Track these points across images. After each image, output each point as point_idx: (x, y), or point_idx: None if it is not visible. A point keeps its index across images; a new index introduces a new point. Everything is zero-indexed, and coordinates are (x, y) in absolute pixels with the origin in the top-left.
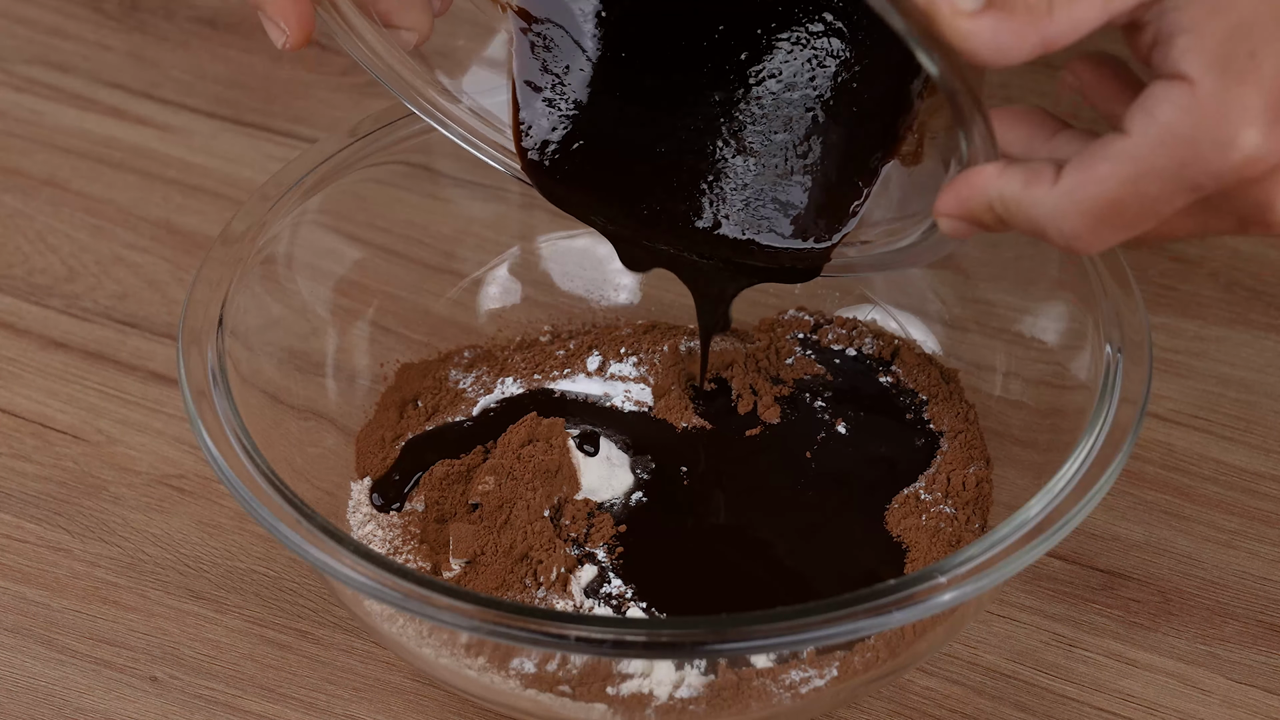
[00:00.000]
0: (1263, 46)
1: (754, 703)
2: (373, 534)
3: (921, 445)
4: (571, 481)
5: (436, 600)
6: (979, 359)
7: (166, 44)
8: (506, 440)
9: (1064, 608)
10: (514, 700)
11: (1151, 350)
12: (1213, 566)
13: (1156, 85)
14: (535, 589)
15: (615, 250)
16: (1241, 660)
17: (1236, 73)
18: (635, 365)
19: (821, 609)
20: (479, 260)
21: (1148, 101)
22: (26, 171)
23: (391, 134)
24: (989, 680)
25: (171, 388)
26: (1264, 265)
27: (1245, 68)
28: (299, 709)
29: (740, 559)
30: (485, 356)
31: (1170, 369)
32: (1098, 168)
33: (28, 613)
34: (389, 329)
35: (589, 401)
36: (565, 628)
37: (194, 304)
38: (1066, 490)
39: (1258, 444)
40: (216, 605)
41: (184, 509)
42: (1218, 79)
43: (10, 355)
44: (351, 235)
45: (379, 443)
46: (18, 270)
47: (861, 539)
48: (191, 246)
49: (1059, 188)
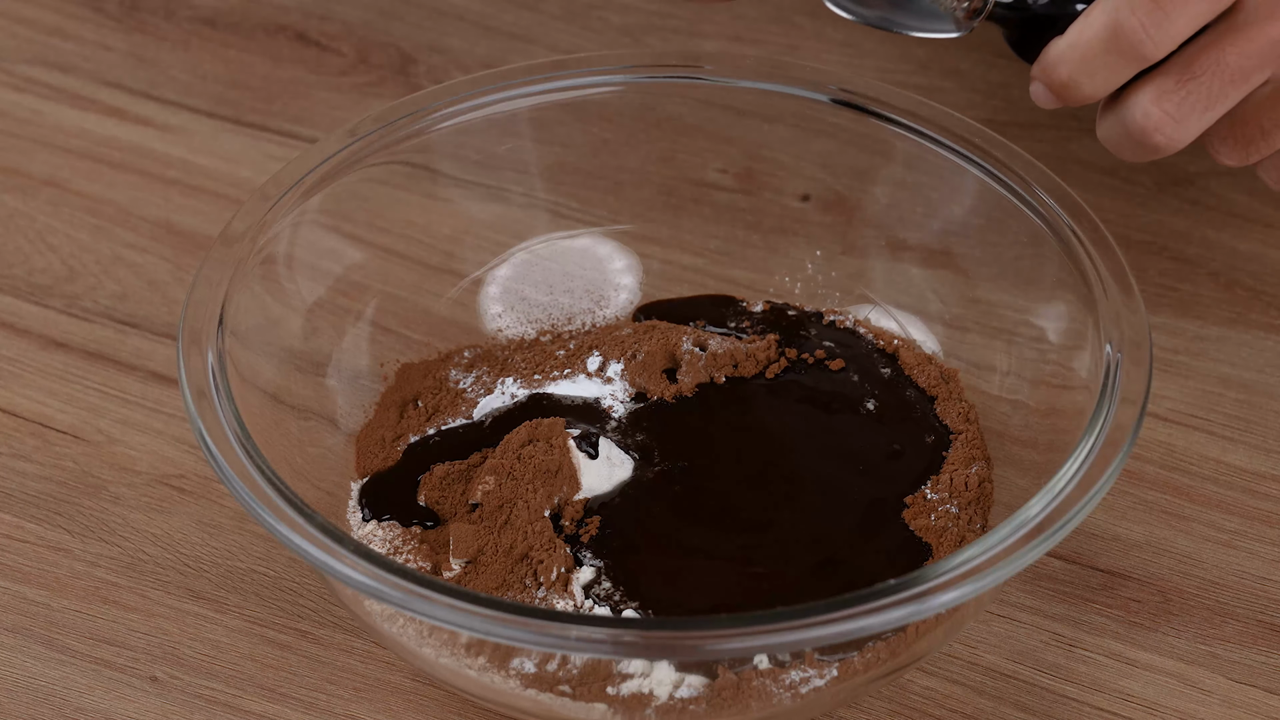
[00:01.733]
0: None
1: (754, 703)
2: (373, 534)
3: (932, 442)
4: (571, 481)
5: (436, 600)
6: (979, 359)
7: (166, 44)
8: (507, 440)
9: (1064, 608)
10: (514, 700)
11: (1151, 350)
12: (1213, 566)
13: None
14: (535, 589)
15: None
16: (1241, 660)
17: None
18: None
19: (821, 609)
20: (479, 260)
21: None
22: (26, 171)
23: (391, 134)
24: (989, 680)
25: (171, 388)
26: (1264, 265)
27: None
28: (299, 709)
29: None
30: (485, 356)
31: (1170, 369)
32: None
33: (28, 613)
34: (389, 329)
35: (589, 402)
36: (565, 628)
37: (194, 304)
38: (1066, 490)
39: (1258, 444)
40: (216, 605)
41: (184, 509)
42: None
43: (10, 355)
44: (351, 235)
45: (379, 443)
46: (18, 270)
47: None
48: (191, 246)
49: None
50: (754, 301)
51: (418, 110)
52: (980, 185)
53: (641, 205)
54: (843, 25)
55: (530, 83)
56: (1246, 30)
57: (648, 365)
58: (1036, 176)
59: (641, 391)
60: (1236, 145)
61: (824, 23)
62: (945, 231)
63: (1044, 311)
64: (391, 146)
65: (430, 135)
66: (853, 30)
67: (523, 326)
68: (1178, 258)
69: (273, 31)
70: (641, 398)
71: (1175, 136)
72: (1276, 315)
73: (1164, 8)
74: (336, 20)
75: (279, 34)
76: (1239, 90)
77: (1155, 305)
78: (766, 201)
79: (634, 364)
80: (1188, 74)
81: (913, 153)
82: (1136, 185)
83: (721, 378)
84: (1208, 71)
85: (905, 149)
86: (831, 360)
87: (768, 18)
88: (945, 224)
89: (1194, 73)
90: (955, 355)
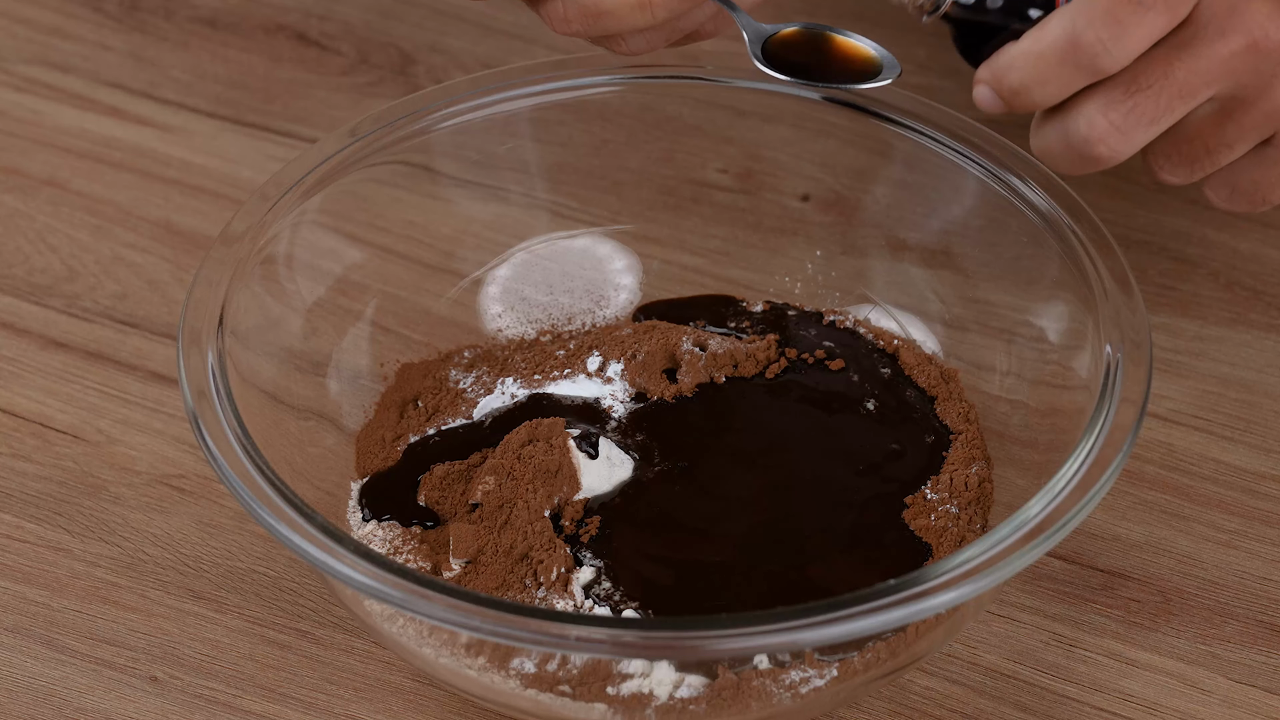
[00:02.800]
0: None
1: (754, 703)
2: (373, 534)
3: (932, 442)
4: (571, 481)
5: (436, 600)
6: (979, 359)
7: (166, 44)
8: (507, 440)
9: (1064, 608)
10: (514, 700)
11: (1151, 350)
12: (1213, 566)
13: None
14: (535, 589)
15: None
16: (1241, 660)
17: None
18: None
19: (821, 609)
20: (479, 260)
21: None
22: (26, 171)
23: (391, 134)
24: (989, 680)
25: (171, 388)
26: (1264, 265)
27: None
28: (299, 709)
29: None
30: (485, 356)
31: (1170, 369)
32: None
33: (28, 613)
34: (389, 329)
35: (589, 402)
36: (565, 628)
37: (194, 304)
38: (1066, 490)
39: (1258, 444)
40: (216, 605)
41: (184, 509)
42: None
43: (10, 355)
44: (351, 235)
45: (379, 443)
46: (18, 270)
47: (886, 539)
48: (191, 246)
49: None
50: (754, 301)
51: (418, 110)
52: (980, 185)
53: (641, 205)
54: (843, 25)
55: (530, 83)
56: (1195, 46)
57: (648, 365)
58: (1036, 177)
59: (641, 391)
60: (1181, 162)
61: (823, 23)
62: (945, 231)
63: (1044, 311)
64: (391, 146)
65: (430, 135)
66: (852, 30)
67: (523, 326)
68: (1178, 258)
69: (273, 31)
70: (641, 398)
71: (1118, 149)
72: (1276, 315)
73: (1122, 21)
74: (336, 20)
75: (279, 34)
76: (1185, 105)
77: (1155, 305)
78: (766, 201)
79: (634, 364)
80: (1135, 86)
81: (913, 153)
82: (1136, 185)
83: (721, 378)
84: (1155, 85)
85: (905, 149)
86: (831, 360)
87: (767, 19)
88: (945, 224)
89: (1141, 85)
90: (955, 355)
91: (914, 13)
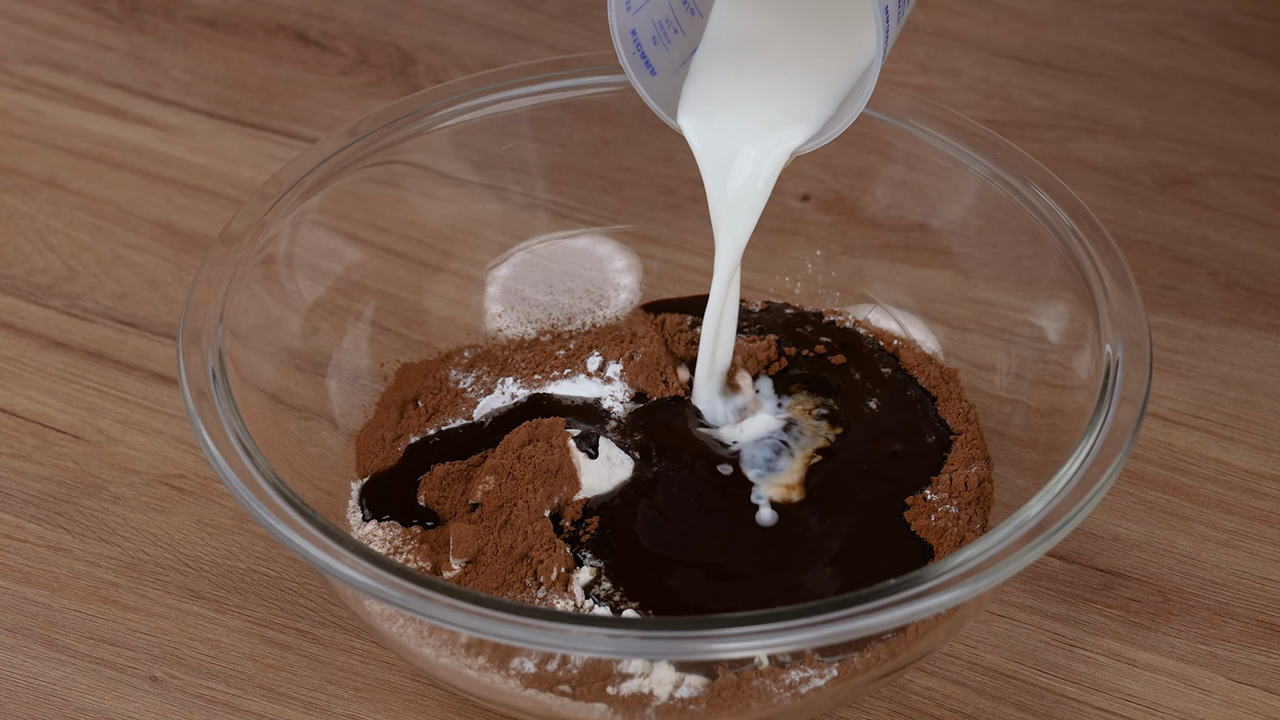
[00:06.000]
0: None
1: (754, 703)
2: (373, 534)
3: (932, 442)
4: (571, 481)
5: (436, 600)
6: (979, 359)
7: (166, 44)
8: (507, 440)
9: (1064, 608)
10: (514, 700)
11: (1151, 350)
12: (1213, 566)
13: None
14: (535, 589)
15: None
16: (1241, 660)
17: None
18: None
19: (822, 609)
20: (479, 260)
21: None
22: (26, 171)
23: (391, 134)
24: (989, 680)
25: (171, 388)
26: (1264, 265)
27: None
28: (299, 709)
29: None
30: (485, 356)
31: (1170, 369)
32: None
33: (28, 613)
34: (389, 329)
35: (589, 402)
36: (565, 628)
37: (194, 304)
38: (1066, 490)
39: (1258, 444)
40: (216, 605)
41: (184, 509)
42: None
43: (10, 355)
44: (351, 235)
45: (379, 443)
46: (18, 270)
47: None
48: (191, 246)
49: None
50: (754, 301)
51: (418, 110)
52: (980, 185)
53: (641, 205)
54: None
55: (530, 83)
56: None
57: (647, 365)
58: (1036, 176)
59: (641, 392)
60: None
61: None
62: (945, 231)
63: (1044, 311)
64: (391, 146)
65: (430, 135)
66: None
67: (523, 326)
68: (1178, 258)
69: (273, 31)
70: (641, 398)
71: None
72: (1276, 315)
73: None
74: (336, 20)
75: (279, 34)
76: None
77: (1155, 305)
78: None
79: (634, 364)
80: None
81: (912, 152)
82: (1136, 185)
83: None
84: None
85: (905, 148)
86: (832, 356)
87: None
88: (945, 224)
89: None
90: (955, 355)
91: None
